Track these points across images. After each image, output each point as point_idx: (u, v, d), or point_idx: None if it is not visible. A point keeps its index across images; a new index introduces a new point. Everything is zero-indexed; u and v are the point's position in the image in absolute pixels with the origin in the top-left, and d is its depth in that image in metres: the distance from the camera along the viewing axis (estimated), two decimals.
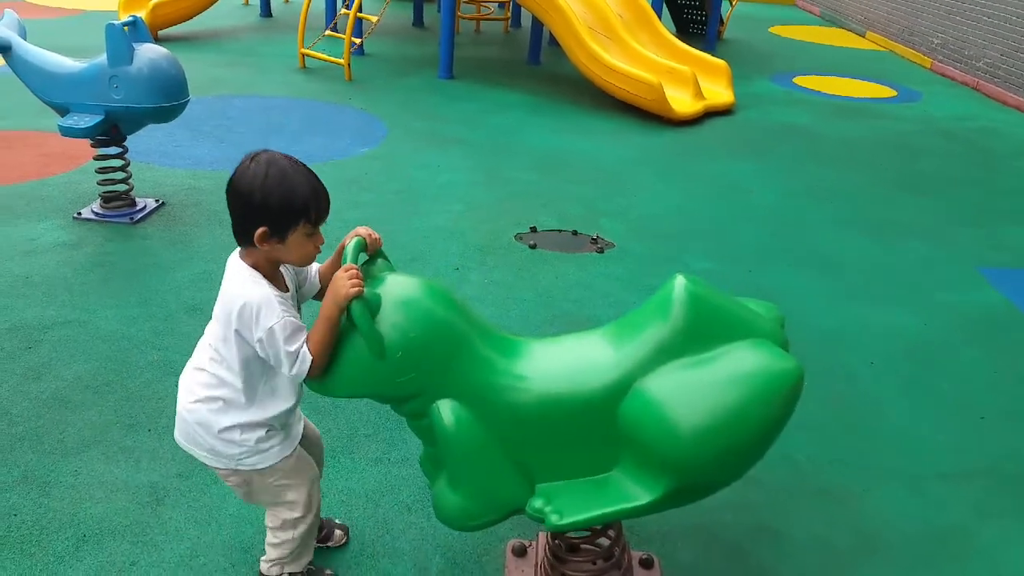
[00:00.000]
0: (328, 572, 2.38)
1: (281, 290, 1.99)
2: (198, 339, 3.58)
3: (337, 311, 1.84)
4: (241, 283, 1.94)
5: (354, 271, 1.87)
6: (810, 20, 14.99)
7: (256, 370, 1.98)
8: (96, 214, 4.65)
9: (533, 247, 4.66)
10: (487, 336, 1.92)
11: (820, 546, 2.65)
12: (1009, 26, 9.44)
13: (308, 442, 2.27)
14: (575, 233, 4.91)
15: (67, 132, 4.32)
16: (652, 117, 7.47)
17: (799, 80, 9.66)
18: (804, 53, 11.45)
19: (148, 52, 4.28)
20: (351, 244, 1.86)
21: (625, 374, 1.83)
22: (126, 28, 4.24)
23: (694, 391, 1.77)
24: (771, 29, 13.39)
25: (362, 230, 2.07)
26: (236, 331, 1.91)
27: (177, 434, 2.08)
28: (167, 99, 4.33)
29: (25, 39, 4.57)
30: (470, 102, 7.75)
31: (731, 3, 12.58)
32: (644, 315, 1.93)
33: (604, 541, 2.20)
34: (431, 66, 8.88)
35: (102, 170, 4.61)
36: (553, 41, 9.93)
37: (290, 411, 2.07)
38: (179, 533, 2.51)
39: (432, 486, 2.02)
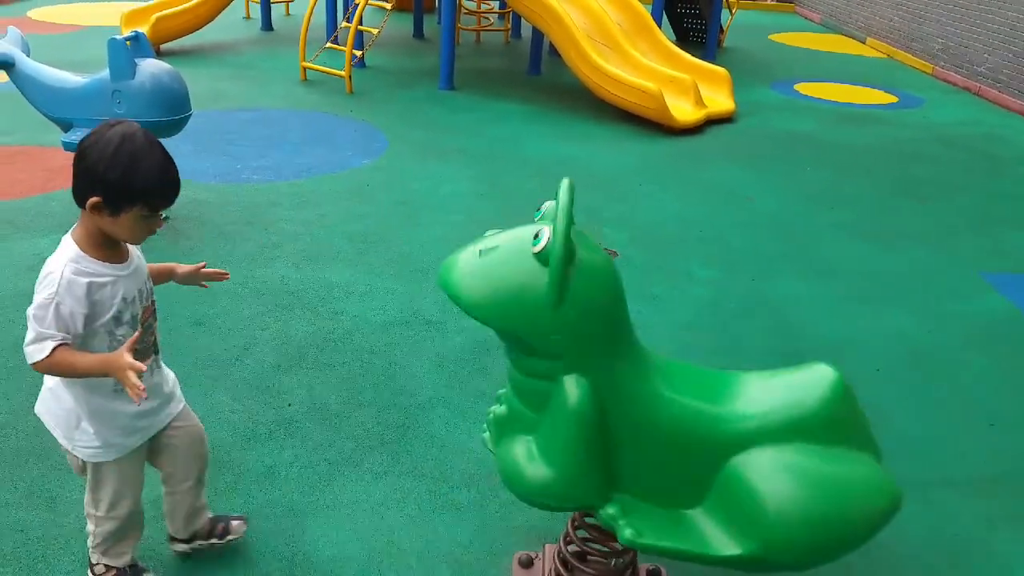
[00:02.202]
0: (150, 574, 2.34)
1: (116, 262, 1.98)
2: (200, 352, 3.60)
3: (99, 372, 1.89)
4: (52, 258, 1.95)
5: (138, 382, 1.81)
6: (810, 27, 15.02)
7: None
8: None
9: None
10: (637, 338, 1.94)
11: None
12: (1011, 31, 9.45)
13: (178, 448, 2.26)
14: None
15: (70, 147, 4.33)
16: (653, 126, 7.48)
17: (800, 87, 9.68)
18: (804, 60, 11.47)
19: (150, 67, 4.30)
20: (567, 184, 1.77)
21: (754, 433, 1.84)
22: (128, 43, 4.26)
23: (807, 480, 1.80)
24: (771, 36, 13.42)
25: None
26: None
27: (37, 404, 2.15)
28: (170, 113, 4.35)
29: (28, 55, 4.60)
30: (471, 113, 7.77)
31: (731, 11, 12.61)
32: (792, 384, 1.95)
33: (616, 560, 2.20)
34: (432, 77, 8.90)
35: None
36: (553, 51, 9.94)
37: (121, 411, 2.06)
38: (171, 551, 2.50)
39: (497, 445, 1.99)
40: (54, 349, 1.86)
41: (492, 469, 2.05)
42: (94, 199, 1.86)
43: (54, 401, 2.10)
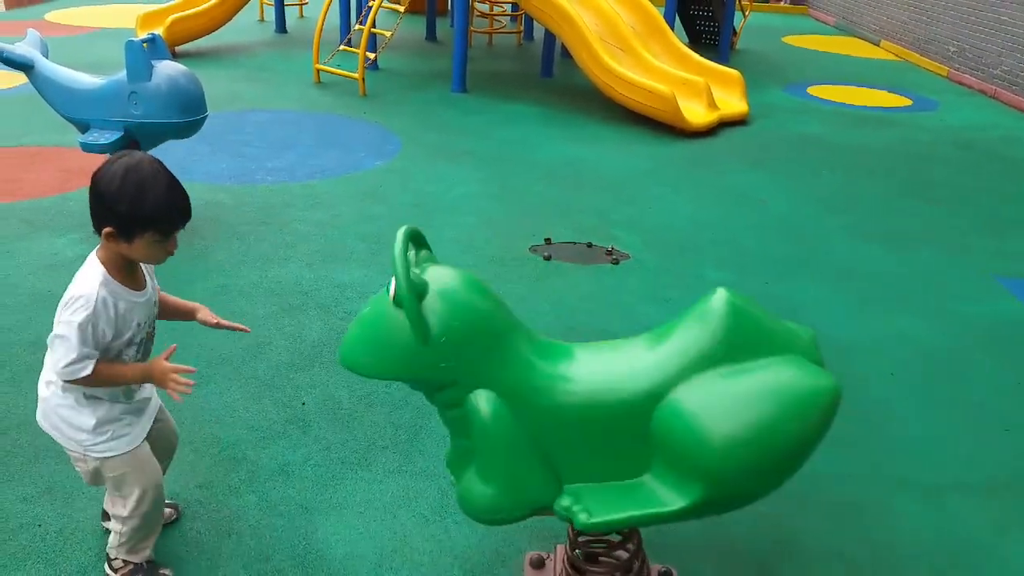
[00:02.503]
0: (164, 571, 2.38)
1: (134, 288, 2.09)
2: (215, 352, 3.63)
3: (139, 381, 2.10)
4: (83, 277, 2.04)
5: (183, 378, 2.03)
6: (824, 30, 14.97)
7: None
8: None
9: (548, 259, 4.67)
10: (526, 335, 1.96)
11: (838, 559, 2.64)
12: None
13: (158, 440, 2.35)
14: (590, 245, 4.92)
15: (88, 148, 4.38)
16: (665, 128, 7.48)
17: (813, 90, 9.65)
18: (818, 63, 11.44)
19: (167, 68, 4.33)
20: (401, 233, 1.86)
21: (662, 381, 1.85)
22: (145, 45, 4.29)
23: (730, 401, 1.79)
24: (784, 39, 13.39)
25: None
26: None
27: (37, 415, 2.19)
28: (186, 115, 4.38)
29: (47, 57, 4.64)
30: (483, 115, 7.79)
31: (744, 13, 12.59)
32: (684, 324, 1.95)
33: (623, 554, 2.21)
34: (444, 80, 8.93)
35: None
36: (566, 54, 9.96)
37: (125, 407, 2.17)
38: (199, 544, 2.53)
39: (457, 482, 2.04)
40: (92, 368, 2.00)
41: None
42: (107, 228, 1.97)
43: (54, 413, 2.16)
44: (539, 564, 2.46)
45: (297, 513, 2.69)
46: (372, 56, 8.79)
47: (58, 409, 2.14)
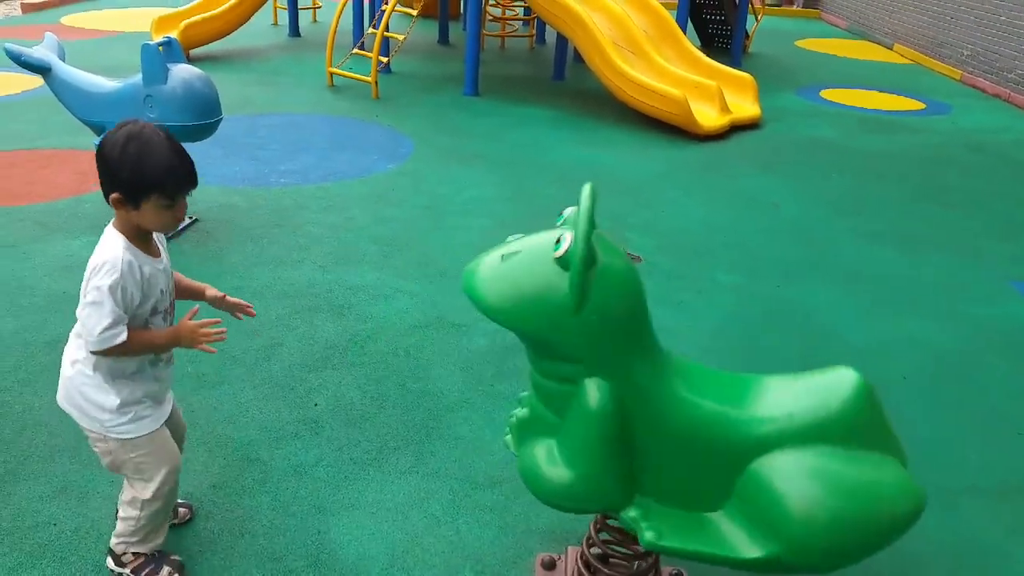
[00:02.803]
0: (175, 557, 2.41)
1: (152, 255, 2.13)
2: (228, 352, 3.65)
3: (170, 345, 2.15)
4: (104, 245, 2.07)
5: (212, 329, 2.12)
6: (836, 33, 14.93)
7: None
8: None
9: None
10: (657, 342, 1.94)
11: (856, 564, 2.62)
12: None
13: (171, 430, 2.37)
14: None
15: None
16: (678, 131, 7.48)
17: (826, 93, 9.63)
18: (830, 66, 11.41)
19: (182, 72, 4.37)
20: (588, 190, 1.79)
21: (776, 437, 1.85)
22: (160, 48, 4.33)
23: (829, 482, 1.80)
24: (797, 43, 13.36)
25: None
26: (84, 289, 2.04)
27: (59, 395, 2.23)
28: (201, 118, 4.41)
29: (64, 60, 4.69)
30: (495, 118, 7.81)
31: (756, 17, 12.57)
32: (815, 387, 1.94)
33: (641, 563, 2.21)
34: (456, 83, 8.96)
35: None
36: (578, 57, 9.97)
37: (148, 389, 2.20)
38: (213, 543, 2.54)
39: (519, 449, 2.02)
40: (128, 334, 2.03)
41: (515, 471, 2.07)
42: (114, 195, 2.02)
43: (78, 392, 2.17)
44: (550, 566, 2.46)
45: (310, 513, 2.70)
46: (385, 60, 8.83)
47: (82, 388, 2.16)
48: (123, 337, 2.02)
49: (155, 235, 2.18)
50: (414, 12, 8.97)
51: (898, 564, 2.63)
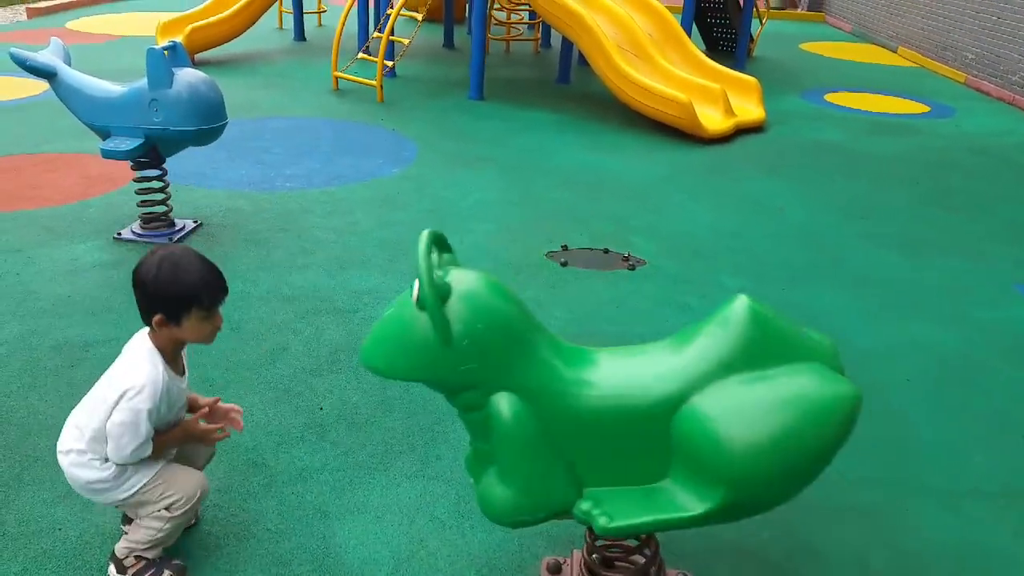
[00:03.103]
0: (176, 561, 2.42)
1: (179, 374, 2.29)
2: (234, 357, 3.65)
3: (183, 440, 2.34)
4: (141, 364, 2.18)
5: (221, 431, 2.33)
6: (841, 36, 14.92)
7: None
8: (136, 234, 4.75)
9: (564, 265, 4.68)
10: (548, 339, 1.97)
11: (857, 565, 2.62)
12: None
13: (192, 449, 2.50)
14: (606, 251, 4.92)
15: (108, 154, 4.42)
16: (682, 135, 7.48)
17: (830, 97, 9.62)
18: (835, 69, 11.40)
19: (187, 76, 4.37)
20: (425, 236, 1.88)
21: (682, 387, 1.86)
22: (166, 53, 4.34)
23: (751, 408, 1.79)
24: (801, 46, 13.35)
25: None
26: (115, 402, 2.14)
27: (72, 484, 2.33)
28: (206, 122, 4.41)
29: (70, 65, 4.70)
30: (500, 122, 7.82)
31: (761, 21, 12.57)
32: (705, 330, 1.96)
33: (640, 559, 2.21)
34: (461, 87, 8.97)
35: (142, 191, 4.71)
36: (583, 61, 9.98)
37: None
38: (217, 548, 2.54)
39: (477, 484, 2.05)
40: (152, 446, 2.21)
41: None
42: (157, 317, 2.15)
43: (75, 480, 2.28)
44: (556, 569, 2.46)
45: (315, 517, 2.70)
46: (390, 64, 8.84)
47: (77, 473, 2.26)
48: (150, 450, 2.19)
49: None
50: (419, 16, 8.98)
51: (901, 566, 2.62)
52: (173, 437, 2.30)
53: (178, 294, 2.12)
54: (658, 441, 1.87)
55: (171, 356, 2.23)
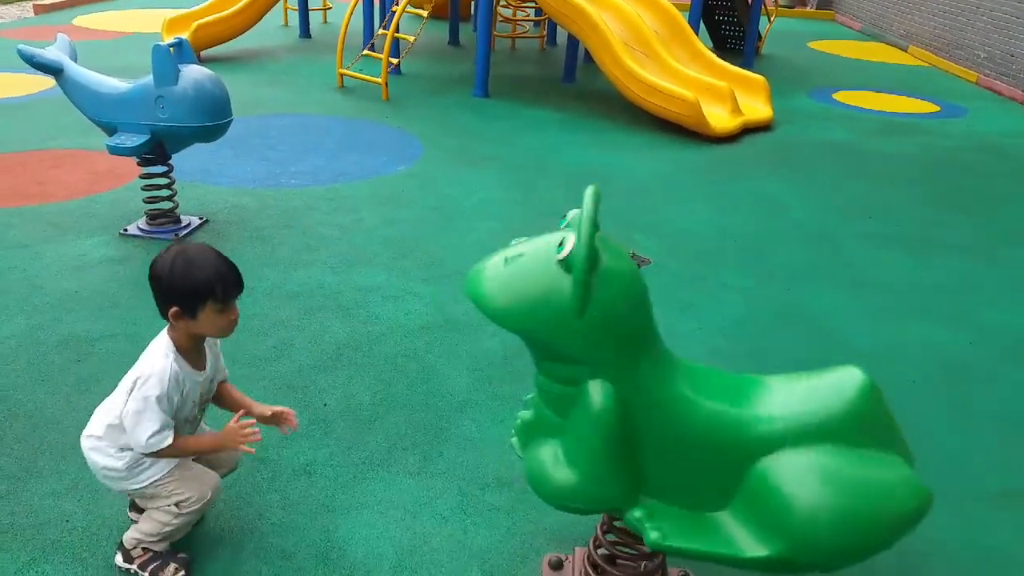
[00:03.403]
0: (182, 555, 2.44)
1: (198, 369, 2.31)
2: (238, 353, 3.66)
3: (214, 450, 2.33)
4: (154, 355, 2.23)
5: (249, 429, 2.24)
6: (850, 35, 14.87)
7: None
8: (142, 231, 4.77)
9: None
10: (661, 344, 1.93)
11: (863, 567, 2.61)
12: None
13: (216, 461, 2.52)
14: None
15: (115, 151, 4.44)
16: (689, 133, 7.47)
17: (839, 96, 9.59)
18: (844, 68, 11.36)
19: (193, 72, 4.38)
20: (592, 192, 1.76)
21: (781, 434, 1.84)
22: (172, 49, 4.35)
23: (838, 480, 1.79)
24: (810, 44, 13.32)
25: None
26: (128, 391, 2.21)
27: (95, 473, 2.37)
28: (211, 118, 4.43)
29: (76, 61, 4.71)
30: (505, 120, 7.81)
31: (769, 18, 12.54)
32: (820, 386, 1.93)
33: (648, 563, 2.21)
34: (467, 84, 8.97)
35: (148, 188, 4.72)
36: (588, 59, 9.97)
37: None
38: (222, 541, 2.56)
39: (524, 452, 2.03)
40: (172, 440, 2.21)
41: (523, 472, 2.08)
42: (173, 310, 2.17)
43: (93, 464, 2.33)
44: (558, 566, 2.46)
45: (319, 512, 2.71)
46: (395, 61, 8.85)
47: (94, 457, 2.30)
48: (169, 440, 2.19)
49: (207, 344, 2.36)
50: (424, 13, 8.98)
51: (904, 566, 2.61)
52: (204, 443, 2.33)
53: (192, 287, 2.14)
54: (732, 475, 1.87)
55: (188, 350, 2.26)
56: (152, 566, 2.38)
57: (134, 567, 2.39)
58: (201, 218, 5.01)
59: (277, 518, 2.67)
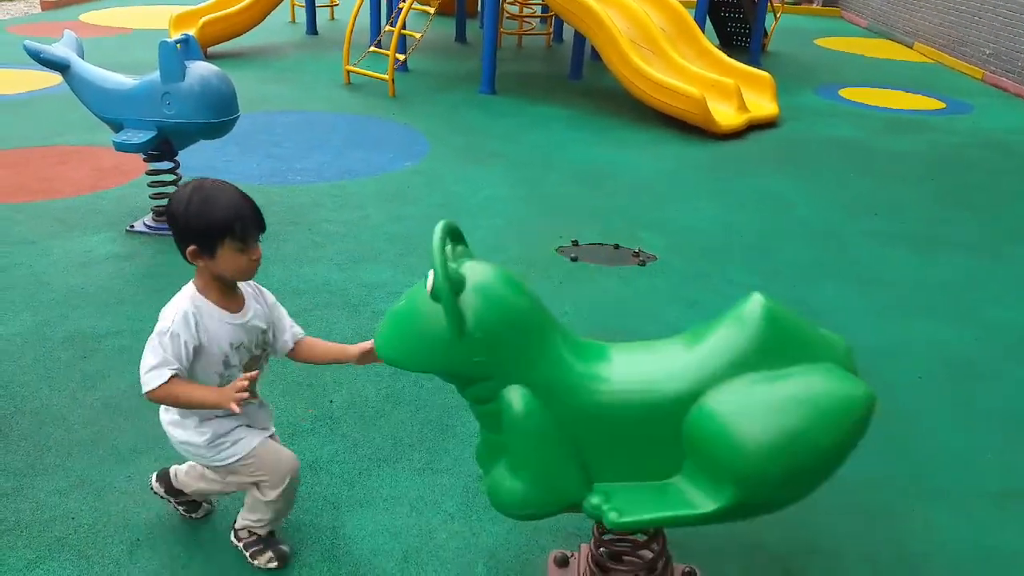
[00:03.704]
0: (283, 547, 2.47)
1: (230, 311, 2.20)
2: None
3: (211, 404, 2.11)
4: (175, 298, 2.18)
5: (243, 388, 2.06)
6: (856, 32, 14.83)
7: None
8: (148, 227, 4.77)
9: (575, 260, 4.67)
10: (562, 333, 1.96)
11: (867, 565, 2.61)
12: None
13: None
14: (617, 247, 4.91)
15: (121, 147, 4.44)
16: (695, 130, 7.45)
17: (845, 92, 9.56)
18: (850, 65, 11.33)
19: (199, 69, 4.39)
20: (440, 227, 1.91)
21: (696, 384, 1.85)
22: (178, 46, 4.35)
23: (764, 407, 1.79)
24: (816, 41, 13.28)
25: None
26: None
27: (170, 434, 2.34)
28: (218, 115, 4.43)
29: (83, 57, 4.72)
30: (512, 117, 7.81)
31: (775, 15, 12.50)
32: (719, 327, 1.95)
33: (647, 553, 2.21)
34: (473, 81, 8.96)
35: (154, 184, 4.73)
36: (595, 56, 9.95)
37: (238, 420, 2.27)
38: (228, 537, 2.56)
39: (486, 476, 2.05)
40: (171, 377, 2.08)
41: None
42: (190, 248, 2.09)
43: (172, 437, 2.31)
44: (563, 562, 2.46)
45: (325, 508, 2.71)
46: (402, 58, 8.84)
47: (174, 432, 2.29)
48: (163, 379, 2.06)
49: (252, 290, 2.30)
50: (431, 10, 8.97)
51: (904, 565, 2.61)
52: (199, 394, 2.12)
53: (208, 224, 2.05)
54: (670, 438, 1.87)
55: (218, 294, 2.17)
56: (253, 549, 2.45)
57: (240, 545, 2.47)
58: None
59: None
